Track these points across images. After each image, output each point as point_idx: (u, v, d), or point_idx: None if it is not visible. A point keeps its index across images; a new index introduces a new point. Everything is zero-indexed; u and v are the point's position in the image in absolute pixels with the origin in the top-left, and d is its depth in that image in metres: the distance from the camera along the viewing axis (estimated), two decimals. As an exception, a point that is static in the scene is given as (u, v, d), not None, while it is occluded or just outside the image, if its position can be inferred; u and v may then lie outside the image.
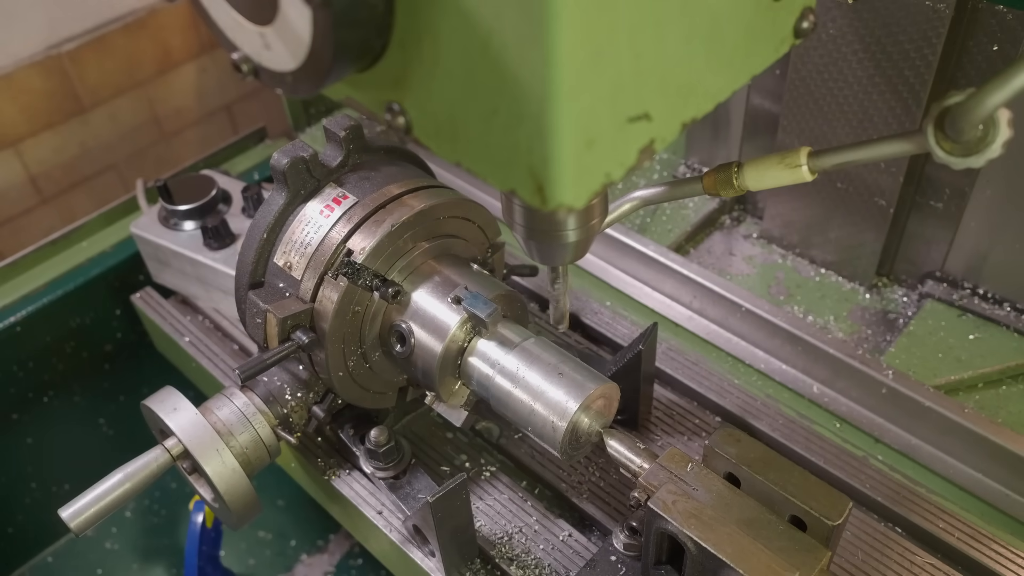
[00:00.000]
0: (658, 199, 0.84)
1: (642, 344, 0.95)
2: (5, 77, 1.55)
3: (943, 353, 1.13)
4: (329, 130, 0.92)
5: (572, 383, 0.81)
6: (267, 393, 0.95)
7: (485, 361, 0.86)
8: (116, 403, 1.49)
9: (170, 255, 1.22)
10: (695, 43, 0.50)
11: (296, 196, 0.91)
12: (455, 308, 0.87)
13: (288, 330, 0.88)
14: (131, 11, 1.70)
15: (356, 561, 1.62)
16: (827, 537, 0.73)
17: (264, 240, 0.91)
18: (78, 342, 1.39)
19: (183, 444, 0.87)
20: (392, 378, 0.98)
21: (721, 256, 1.34)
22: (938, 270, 1.22)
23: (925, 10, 1.01)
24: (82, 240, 1.41)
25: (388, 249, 0.88)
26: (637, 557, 0.87)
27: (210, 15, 0.54)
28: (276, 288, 0.92)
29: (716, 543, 0.70)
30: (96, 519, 0.84)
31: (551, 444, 0.82)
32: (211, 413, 0.92)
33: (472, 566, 0.92)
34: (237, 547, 1.61)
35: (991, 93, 0.57)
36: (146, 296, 1.31)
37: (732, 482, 0.78)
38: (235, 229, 1.20)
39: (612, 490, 0.98)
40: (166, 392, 0.91)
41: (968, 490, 0.99)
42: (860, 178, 1.19)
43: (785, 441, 1.02)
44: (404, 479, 0.96)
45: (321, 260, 0.88)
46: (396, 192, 0.91)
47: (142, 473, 0.86)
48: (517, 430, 1.05)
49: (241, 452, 0.91)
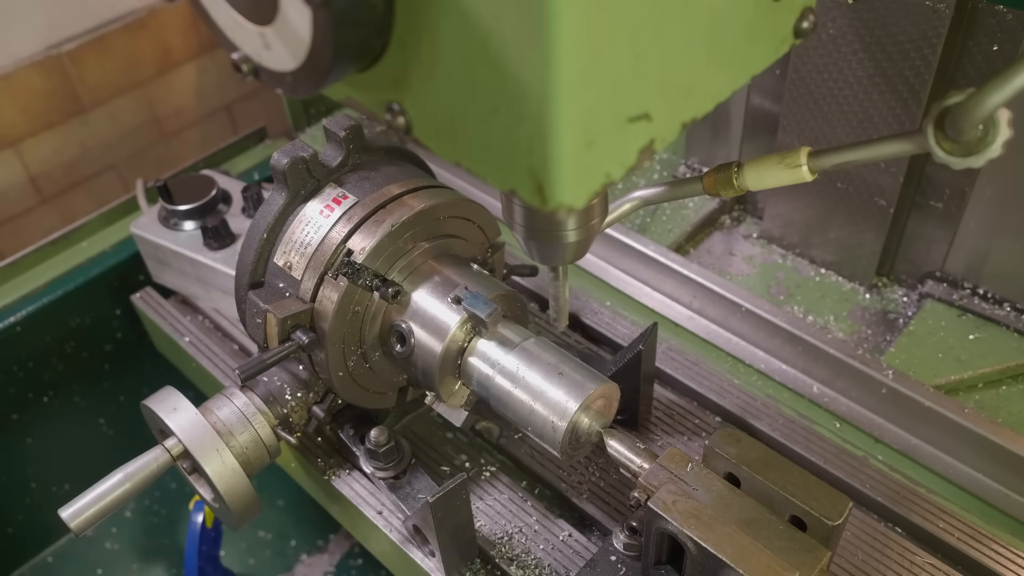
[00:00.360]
0: (658, 199, 0.84)
1: (642, 344, 0.95)
2: (5, 77, 1.55)
3: (943, 353, 1.13)
4: (329, 130, 0.92)
5: (572, 383, 0.81)
6: (267, 393, 0.95)
7: (485, 361, 0.86)
8: (116, 403, 1.49)
9: (170, 255, 1.22)
10: (695, 43, 0.50)
11: (296, 196, 0.91)
12: (455, 308, 0.87)
13: (288, 330, 0.88)
14: (131, 11, 1.70)
15: (356, 561, 1.62)
16: (827, 537, 0.73)
17: (264, 240, 0.91)
18: (78, 342, 1.39)
19: (183, 444, 0.87)
20: (392, 378, 0.98)
21: (721, 256, 1.34)
22: (938, 270, 1.22)
23: (925, 10, 1.01)
24: (82, 240, 1.41)
25: (388, 249, 0.88)
26: (637, 557, 0.87)
27: (210, 15, 0.54)
28: (276, 288, 0.92)
29: (716, 543, 0.70)
30: (96, 519, 0.84)
31: (551, 444, 0.82)
32: (211, 413, 0.92)
33: (472, 566, 0.92)
34: (237, 547, 1.61)
35: (991, 93, 0.57)
36: (146, 296, 1.31)
37: (732, 482, 0.78)
38: (235, 229, 1.20)
39: (612, 490, 0.98)
40: (166, 392, 0.91)
41: (968, 490, 0.99)
42: (860, 178, 1.19)
43: (785, 441, 1.02)
44: (404, 479, 0.96)
45: (321, 260, 0.88)
46: (396, 192, 0.91)
47: (142, 473, 0.86)
48: (517, 430, 1.05)
49: (241, 452, 0.91)
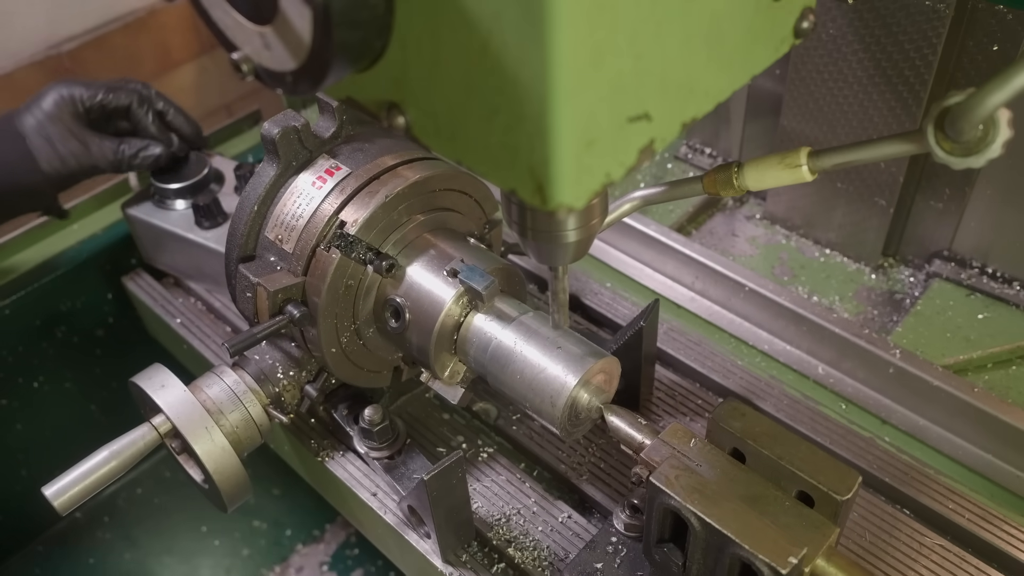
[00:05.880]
0: (658, 199, 0.84)
1: (643, 320, 0.93)
2: (5, 77, 1.54)
3: (951, 333, 1.10)
4: (322, 100, 0.90)
5: (571, 357, 0.79)
6: (258, 372, 0.92)
7: (481, 336, 0.84)
8: (108, 389, 1.46)
9: (161, 234, 1.19)
10: (695, 43, 0.50)
11: (288, 168, 0.88)
12: (451, 281, 0.84)
13: (279, 304, 0.86)
14: (131, 11, 1.69)
15: (352, 551, 1.60)
16: (835, 513, 0.70)
17: (255, 213, 0.89)
18: (69, 327, 1.36)
19: (171, 422, 0.84)
20: (387, 356, 0.95)
21: (724, 237, 1.32)
22: (946, 249, 1.20)
23: (925, 10, 1.01)
24: (73, 223, 1.38)
25: (382, 221, 0.86)
26: (638, 538, 0.84)
27: (210, 15, 0.53)
28: (267, 262, 0.89)
29: (720, 518, 0.68)
30: (81, 497, 0.81)
31: (550, 420, 0.80)
32: (200, 391, 0.89)
33: (469, 549, 0.90)
34: (232, 536, 1.59)
35: (991, 93, 0.56)
36: (137, 277, 1.28)
37: (737, 459, 0.75)
38: (227, 208, 1.17)
39: (613, 471, 0.96)
40: (154, 369, 0.89)
41: (978, 471, 0.96)
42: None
43: (790, 422, 0.99)
44: (399, 459, 0.94)
45: (313, 232, 0.85)
46: (391, 163, 0.88)
47: (128, 451, 0.83)
48: (516, 411, 1.02)
49: (231, 431, 0.88)
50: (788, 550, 0.65)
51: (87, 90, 1.12)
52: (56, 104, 1.10)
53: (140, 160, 1.14)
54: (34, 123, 1.09)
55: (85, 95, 1.12)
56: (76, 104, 1.11)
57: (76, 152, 1.10)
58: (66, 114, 1.10)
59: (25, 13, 1.54)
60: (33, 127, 1.09)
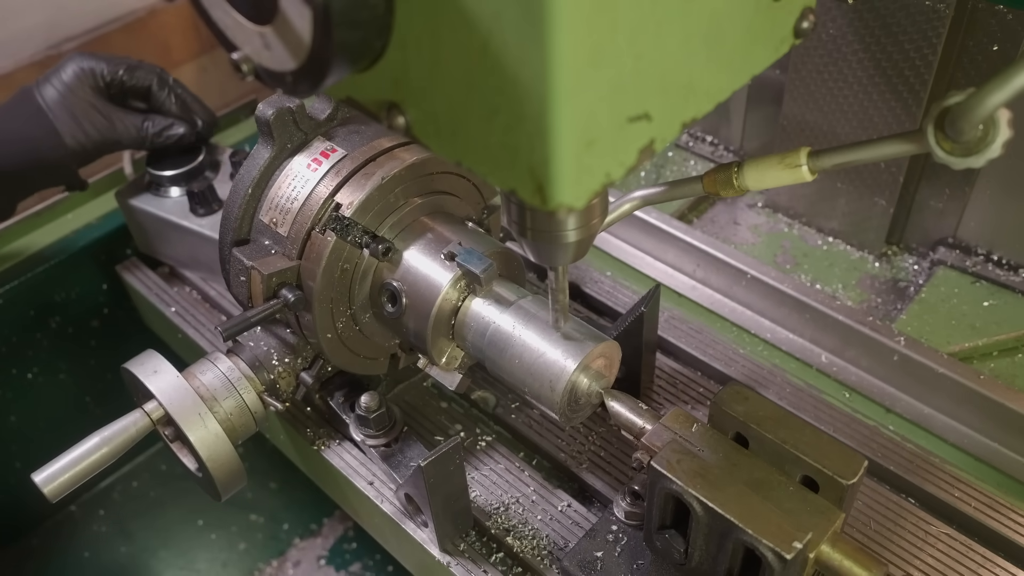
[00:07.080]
0: (658, 199, 0.83)
1: (644, 306, 0.91)
2: (5, 77, 1.53)
3: (956, 320, 1.09)
4: (317, 82, 0.88)
5: (570, 341, 0.77)
6: (253, 358, 0.91)
7: (479, 320, 0.82)
8: (103, 381, 1.45)
9: (156, 222, 1.18)
10: (695, 43, 0.50)
11: (282, 150, 0.87)
12: (448, 265, 0.83)
13: (273, 288, 0.84)
14: (131, 11, 1.68)
15: (350, 545, 1.59)
16: (840, 498, 0.69)
17: (249, 196, 0.87)
18: (63, 317, 1.35)
19: (164, 408, 0.83)
20: (384, 342, 0.94)
21: (725, 225, 1.30)
22: (950, 236, 1.19)
23: (925, 10, 1.00)
24: (67, 212, 1.37)
25: (378, 204, 0.84)
26: (639, 527, 0.83)
27: (210, 15, 0.53)
28: (262, 246, 0.88)
29: (723, 503, 0.66)
30: (71, 484, 0.80)
31: (549, 405, 0.78)
32: (194, 378, 0.88)
33: (467, 538, 0.88)
34: (228, 530, 1.58)
35: (991, 93, 0.56)
36: (131, 266, 1.27)
37: (740, 444, 0.74)
38: (222, 196, 1.16)
39: (613, 460, 0.94)
40: (146, 355, 0.87)
41: (983, 459, 0.95)
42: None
43: (793, 411, 0.97)
44: (396, 447, 0.92)
45: (308, 215, 0.84)
46: (387, 145, 0.87)
47: (120, 437, 0.82)
48: (514, 399, 1.01)
49: (225, 418, 0.87)
50: (792, 535, 0.64)
51: (108, 65, 1.10)
52: (77, 76, 1.08)
53: (164, 138, 1.13)
54: (56, 96, 1.07)
55: (106, 70, 1.10)
56: (97, 78, 1.10)
57: (100, 126, 1.09)
58: (87, 87, 1.09)
59: (25, 13, 1.53)
60: (56, 100, 1.07)
